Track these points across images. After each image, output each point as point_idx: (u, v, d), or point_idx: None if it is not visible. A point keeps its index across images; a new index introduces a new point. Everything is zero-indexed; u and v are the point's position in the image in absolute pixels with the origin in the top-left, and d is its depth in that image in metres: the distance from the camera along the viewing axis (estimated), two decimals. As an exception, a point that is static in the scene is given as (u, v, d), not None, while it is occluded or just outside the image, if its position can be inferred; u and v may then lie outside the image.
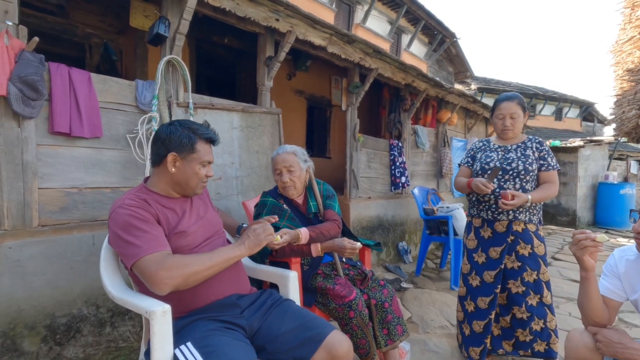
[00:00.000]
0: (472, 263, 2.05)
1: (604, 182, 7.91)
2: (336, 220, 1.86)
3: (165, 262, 1.09)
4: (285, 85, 5.14)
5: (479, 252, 2.03)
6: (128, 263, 1.12)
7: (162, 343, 1.04)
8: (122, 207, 1.16)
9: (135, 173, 2.08)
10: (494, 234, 1.97)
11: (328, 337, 1.22)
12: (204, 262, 1.14)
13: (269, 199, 1.85)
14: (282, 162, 1.83)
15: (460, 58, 10.63)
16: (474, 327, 2.00)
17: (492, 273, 1.95)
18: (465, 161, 2.15)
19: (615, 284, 1.29)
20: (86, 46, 3.71)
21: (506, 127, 1.95)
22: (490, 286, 1.95)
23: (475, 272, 2.02)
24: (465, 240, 2.14)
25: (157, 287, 1.07)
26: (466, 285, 2.08)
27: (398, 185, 4.22)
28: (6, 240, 1.66)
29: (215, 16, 2.41)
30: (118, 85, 2.02)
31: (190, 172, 1.28)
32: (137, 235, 1.11)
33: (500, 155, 1.98)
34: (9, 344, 1.67)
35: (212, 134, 1.36)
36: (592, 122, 17.60)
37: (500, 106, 1.96)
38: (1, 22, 1.61)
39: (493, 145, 2.06)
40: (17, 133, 1.67)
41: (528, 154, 1.93)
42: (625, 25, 4.13)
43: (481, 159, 2.03)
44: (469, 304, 2.05)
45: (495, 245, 1.96)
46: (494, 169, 1.92)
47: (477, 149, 2.12)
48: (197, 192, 1.35)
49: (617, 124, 4.56)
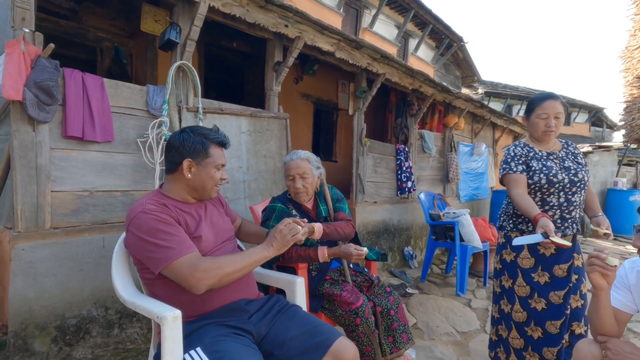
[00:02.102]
0: (532, 284, 1.79)
1: (612, 189, 7.81)
2: (350, 220, 1.88)
3: (200, 264, 1.13)
4: (292, 89, 5.17)
5: (539, 272, 1.78)
6: (158, 267, 1.14)
7: (173, 348, 1.06)
8: (144, 212, 1.17)
9: (145, 177, 2.11)
10: (558, 250, 1.74)
11: (335, 344, 1.23)
12: (236, 263, 1.19)
13: (277, 204, 1.86)
14: (295, 169, 1.83)
15: (468, 62, 10.61)
16: (546, 355, 1.75)
17: (561, 293, 1.74)
18: (520, 169, 1.79)
19: (626, 296, 1.27)
20: (97, 50, 3.77)
21: (550, 128, 1.74)
22: (561, 307, 1.73)
23: (538, 294, 1.77)
24: (513, 258, 1.85)
25: (195, 287, 1.12)
26: (527, 310, 1.80)
27: (404, 190, 4.22)
28: (19, 242, 1.69)
29: (226, 22, 2.44)
30: (130, 90, 2.06)
31: (205, 176, 1.31)
32: (165, 239, 1.14)
33: (559, 165, 1.76)
34: (21, 344, 1.70)
35: (223, 137, 1.40)
36: (601, 127, 17.42)
37: (544, 105, 1.74)
38: (18, 29, 1.65)
39: (540, 152, 1.80)
40: (31, 137, 1.70)
41: (582, 163, 1.78)
42: (636, 31, 4.10)
43: (542, 170, 1.75)
44: (534, 330, 1.78)
45: (560, 262, 1.75)
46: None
47: (525, 155, 1.81)
48: (212, 195, 1.38)
49: (627, 130, 4.52)
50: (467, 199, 5.65)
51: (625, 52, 4.35)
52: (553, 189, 1.73)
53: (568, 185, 1.73)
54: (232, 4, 2.26)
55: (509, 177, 1.81)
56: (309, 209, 1.92)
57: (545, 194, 1.76)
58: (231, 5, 2.25)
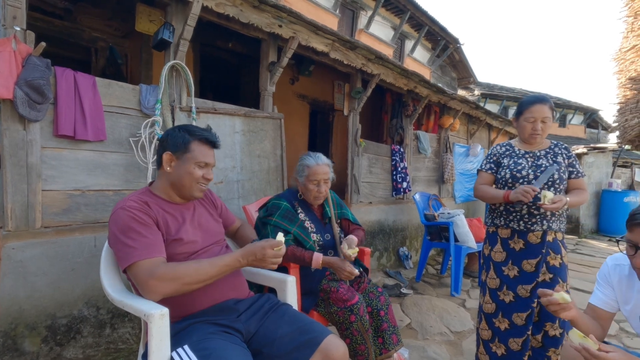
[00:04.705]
0: (502, 277, 1.87)
1: (607, 190, 7.87)
2: (363, 229, 2.04)
3: (157, 271, 1.10)
4: (288, 90, 5.18)
5: (510, 265, 1.85)
6: (122, 265, 1.14)
7: (160, 346, 1.06)
8: (123, 209, 1.18)
9: (138, 176, 2.10)
10: (527, 245, 1.81)
11: (324, 342, 1.23)
12: (199, 274, 1.14)
13: (283, 202, 1.87)
14: (322, 174, 1.85)
15: (464, 64, 10.66)
16: (511, 346, 1.81)
17: (528, 287, 1.79)
18: (487, 167, 1.96)
19: (609, 294, 1.28)
20: (92, 50, 3.76)
21: (536, 132, 1.80)
22: (527, 301, 1.79)
23: (507, 286, 1.84)
24: (489, 252, 1.95)
25: (147, 294, 1.10)
26: (496, 301, 1.88)
27: (399, 190, 4.23)
28: (10, 241, 1.68)
29: (219, 22, 2.44)
30: (122, 89, 2.05)
31: (184, 172, 1.29)
32: (134, 238, 1.13)
33: (530, 162, 1.83)
34: (10, 343, 1.69)
35: (209, 134, 1.36)
36: (597, 129, 17.53)
37: (532, 108, 1.80)
38: (9, 28, 1.64)
39: (519, 151, 1.89)
40: (22, 136, 1.70)
41: (560, 161, 1.81)
42: (628, 33, 4.13)
43: (510, 165, 1.85)
44: (501, 322, 1.85)
45: (529, 257, 1.80)
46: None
47: (500, 154, 1.94)
48: (194, 194, 1.34)
49: (621, 131, 4.54)
50: (462, 199, 5.67)
51: (619, 54, 4.37)
52: (517, 184, 1.80)
53: (533, 180, 1.77)
54: (225, 3, 2.26)
55: (478, 174, 2.02)
56: (315, 209, 1.96)
57: (512, 189, 1.81)
58: (225, 5, 2.26)
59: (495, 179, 1.94)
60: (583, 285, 3.76)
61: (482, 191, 1.92)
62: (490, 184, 1.95)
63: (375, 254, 4.03)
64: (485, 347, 1.92)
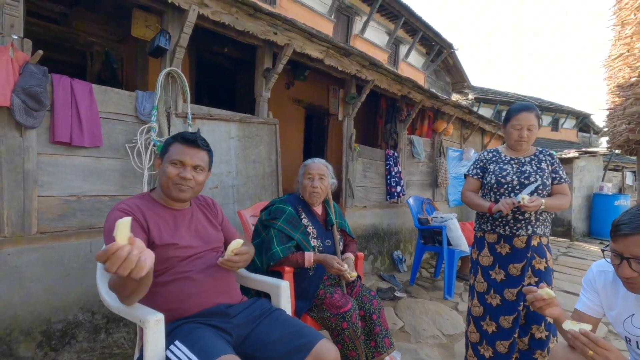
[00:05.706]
0: (489, 281, 1.92)
1: (598, 193, 7.99)
2: (355, 241, 2.18)
3: (112, 277, 1.11)
4: (284, 94, 5.21)
5: (496, 269, 1.90)
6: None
7: (155, 351, 1.08)
8: (113, 210, 1.23)
9: (133, 182, 2.12)
10: (513, 250, 1.86)
11: (317, 346, 1.25)
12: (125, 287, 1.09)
13: (288, 207, 1.89)
14: (317, 170, 1.95)
15: (458, 68, 10.77)
16: (498, 348, 1.85)
17: (514, 291, 1.83)
18: (474, 172, 2.02)
19: (594, 300, 1.31)
20: (88, 54, 3.78)
21: (522, 139, 1.86)
22: (514, 304, 1.83)
23: (494, 290, 1.89)
24: (477, 256, 2.00)
25: None
26: (484, 304, 1.93)
27: (393, 194, 4.27)
28: (5, 246, 1.70)
29: (216, 29, 2.47)
30: (118, 96, 2.08)
31: (161, 171, 1.34)
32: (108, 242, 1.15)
33: (515, 169, 1.89)
34: (5, 349, 1.70)
35: (186, 133, 1.38)
36: (589, 133, 17.75)
37: (519, 116, 1.86)
38: (7, 36, 1.66)
39: (505, 157, 1.95)
40: (19, 142, 1.71)
41: (543, 168, 1.86)
42: (616, 41, 4.23)
43: (495, 171, 1.91)
44: (489, 325, 1.89)
45: (515, 261, 1.85)
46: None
47: (487, 160, 2.00)
48: (172, 193, 1.31)
49: (610, 137, 4.63)
50: (456, 203, 5.73)
51: (608, 60, 4.47)
52: (502, 189, 1.85)
53: (517, 187, 1.83)
54: (221, 12, 2.29)
55: (466, 179, 2.08)
56: (318, 214, 2.00)
57: (497, 194, 1.88)
58: (220, 13, 2.29)
59: (481, 184, 2.01)
60: (574, 289, 3.82)
61: (469, 198, 2.00)
62: (476, 189, 2.03)
63: (370, 257, 4.06)
64: (473, 350, 1.96)
